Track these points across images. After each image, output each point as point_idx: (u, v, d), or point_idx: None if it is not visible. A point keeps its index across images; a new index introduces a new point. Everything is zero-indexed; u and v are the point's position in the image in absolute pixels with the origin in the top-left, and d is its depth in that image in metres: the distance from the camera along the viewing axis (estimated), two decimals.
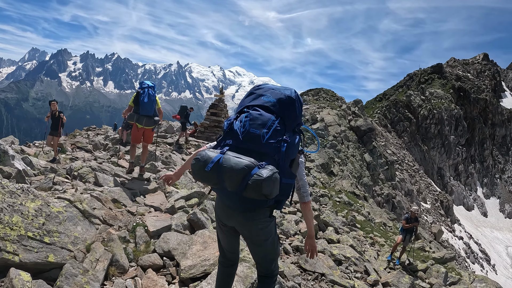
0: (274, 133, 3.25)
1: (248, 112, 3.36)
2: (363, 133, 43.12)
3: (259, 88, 3.58)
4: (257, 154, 3.18)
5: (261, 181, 2.93)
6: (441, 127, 70.60)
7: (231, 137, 3.32)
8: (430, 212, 53.51)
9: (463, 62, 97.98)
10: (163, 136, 20.45)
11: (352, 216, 18.31)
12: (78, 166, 9.51)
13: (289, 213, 12.55)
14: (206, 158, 3.11)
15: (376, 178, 41.30)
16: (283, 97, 3.40)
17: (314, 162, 30.23)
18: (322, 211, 15.46)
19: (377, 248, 14.96)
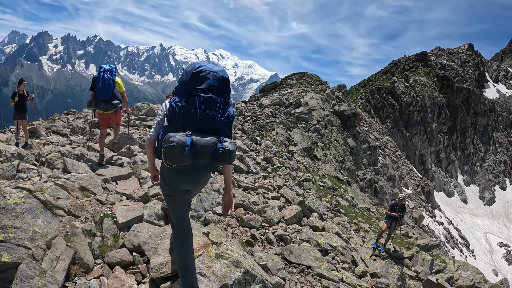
0: (223, 112, 3.92)
1: (199, 95, 3.84)
2: (346, 118, 42.72)
3: (200, 71, 3.93)
4: (214, 131, 3.85)
5: (230, 152, 3.74)
6: (424, 114, 70.78)
7: (187, 119, 3.82)
8: (411, 197, 53.79)
9: (448, 52, 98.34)
10: (143, 119, 19.54)
11: (336, 202, 17.88)
12: (46, 151, 8.75)
13: (272, 198, 12.02)
14: (181, 143, 3.59)
15: (359, 163, 41.09)
16: (222, 79, 3.98)
17: (297, 146, 29.74)
18: (306, 196, 14.95)
19: (362, 235, 14.56)
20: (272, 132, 28.94)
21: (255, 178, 13.79)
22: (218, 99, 3.89)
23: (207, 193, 8.44)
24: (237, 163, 13.86)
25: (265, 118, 31.05)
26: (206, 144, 3.67)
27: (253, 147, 19.56)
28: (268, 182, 14.00)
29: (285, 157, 22.33)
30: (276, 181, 14.69)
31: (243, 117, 30.61)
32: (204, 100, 3.82)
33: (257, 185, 12.42)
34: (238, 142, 18.20)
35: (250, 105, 35.91)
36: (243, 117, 30.42)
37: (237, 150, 17.18)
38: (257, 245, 7.31)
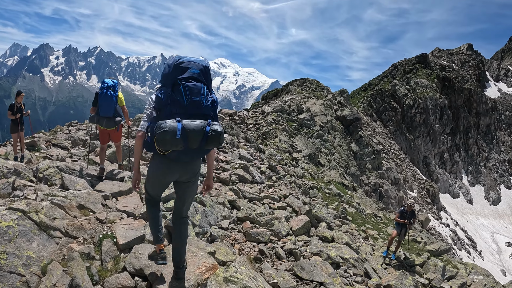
0: (207, 97, 4.20)
1: (184, 84, 4.10)
2: (349, 123, 42.35)
3: (182, 62, 4.22)
4: (201, 116, 4.12)
5: (220, 133, 4.04)
6: (426, 116, 70.33)
7: (175, 106, 4.06)
8: (416, 200, 53.28)
9: (448, 52, 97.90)
10: None
11: (343, 208, 17.48)
12: (44, 167, 8.39)
13: (279, 208, 11.65)
14: (173, 128, 3.85)
15: (363, 167, 40.67)
16: (203, 68, 4.29)
17: (301, 152, 29.37)
18: (313, 205, 14.55)
19: (371, 243, 14.15)
20: (275, 139, 28.59)
21: (260, 188, 13.43)
22: (202, 86, 4.18)
23: (211, 207, 8.08)
24: (241, 173, 13.50)
25: (268, 125, 30.71)
26: (196, 127, 3.95)
27: (257, 155, 19.20)
28: (273, 192, 13.64)
29: (290, 165, 21.96)
30: (282, 190, 14.32)
31: (246, 125, 30.26)
32: (189, 88, 4.09)
33: (262, 195, 12.06)
34: (241, 151, 17.85)
35: (252, 112, 35.59)
36: (245, 125, 30.08)
37: (241, 159, 16.81)
38: (266, 261, 6.96)
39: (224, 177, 12.29)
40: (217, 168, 13.73)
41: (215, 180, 12.29)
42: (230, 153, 16.92)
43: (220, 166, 13.87)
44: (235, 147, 18.84)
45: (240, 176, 13.29)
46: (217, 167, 13.78)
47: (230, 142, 19.05)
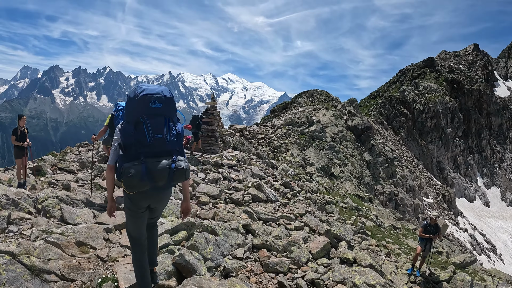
0: (171, 132, 4.17)
1: (146, 121, 4.04)
2: (360, 132, 41.62)
3: (143, 96, 4.08)
4: (167, 152, 4.11)
5: (184, 170, 4.08)
6: (437, 120, 69.24)
7: (139, 146, 4.02)
8: (433, 206, 52.17)
9: (454, 54, 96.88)
10: None
11: (361, 223, 16.71)
12: (43, 197, 7.78)
13: (296, 229, 10.95)
14: (138, 172, 3.86)
15: (377, 176, 39.81)
16: (165, 100, 4.18)
17: (314, 165, 28.69)
18: (331, 222, 13.82)
19: (393, 259, 13.36)
20: (287, 153, 27.99)
21: (274, 206, 12.77)
22: (164, 121, 4.15)
23: (224, 235, 7.39)
24: (254, 192, 12.87)
25: (279, 139, 30.13)
26: (161, 167, 3.96)
27: (270, 172, 18.59)
28: (289, 210, 12.96)
29: (304, 180, 21.28)
30: (298, 208, 13.64)
31: (257, 139, 29.73)
32: (151, 125, 4.06)
33: (278, 215, 11.37)
34: (254, 169, 17.25)
35: (263, 127, 35.06)
36: (256, 140, 29.53)
37: (254, 177, 16.21)
38: None
39: (237, 198, 11.71)
40: (229, 188, 13.14)
41: (228, 201, 11.67)
42: (242, 171, 16.35)
43: (232, 186, 13.28)
44: (247, 164, 18.27)
45: (253, 196, 12.68)
46: (229, 187, 13.19)
47: (242, 160, 18.49)
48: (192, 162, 16.44)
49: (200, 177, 14.18)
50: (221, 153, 19.49)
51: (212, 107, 21.59)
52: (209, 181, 13.76)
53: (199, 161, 16.62)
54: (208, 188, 12.19)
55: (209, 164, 16.50)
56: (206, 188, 12.12)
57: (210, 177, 14.15)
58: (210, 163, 16.56)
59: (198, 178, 13.74)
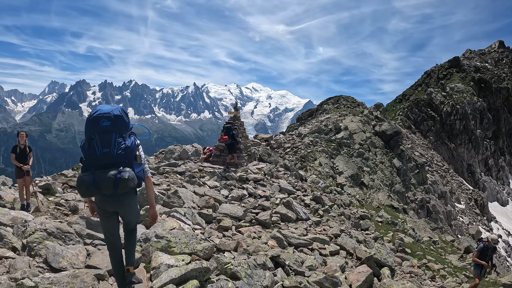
0: (118, 146, 4.62)
1: (96, 138, 4.59)
2: (389, 138, 39.93)
3: (94, 117, 4.64)
4: (114, 164, 4.56)
5: (125, 180, 4.45)
6: (466, 122, 66.48)
7: (91, 160, 4.56)
8: (465, 212, 49.90)
9: (480, 53, 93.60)
10: (173, 164, 17.41)
11: (399, 240, 15.21)
12: (30, 229, 6.53)
13: (331, 254, 9.64)
14: (85, 181, 4.43)
15: (408, 183, 38.02)
16: (114, 118, 4.67)
17: (343, 174, 27.23)
18: (369, 242, 12.36)
19: (439, 283, 11.86)
20: (314, 162, 26.63)
21: (306, 226, 11.45)
22: (113, 137, 4.59)
23: (248, 276, 6.09)
24: (283, 211, 11.57)
25: (306, 148, 28.80)
26: (107, 178, 4.41)
27: (299, 185, 17.21)
28: (322, 231, 11.61)
29: (335, 192, 19.84)
30: (331, 226, 12.29)
31: (283, 149, 28.47)
32: (100, 141, 4.56)
33: (310, 238, 10.06)
34: (281, 183, 15.93)
35: (289, 135, 33.79)
36: (283, 149, 28.27)
37: (282, 192, 14.92)
38: None
39: (264, 219, 10.44)
40: (255, 206, 11.86)
41: (253, 223, 10.42)
42: (269, 186, 15.06)
43: (258, 204, 11.99)
44: (274, 177, 16.96)
45: (282, 215, 11.39)
46: (255, 205, 11.91)
47: (269, 173, 17.17)
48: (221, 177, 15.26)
49: (223, 194, 13.03)
50: (246, 166, 18.16)
51: (235, 117, 20.26)
52: (233, 199, 12.61)
53: (222, 176, 15.39)
54: (231, 208, 10.99)
55: (233, 179, 15.26)
56: (229, 209, 10.93)
57: (234, 194, 12.98)
58: (234, 178, 15.31)
59: (220, 195, 12.59)
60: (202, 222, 9.19)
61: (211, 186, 13.87)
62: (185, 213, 9.38)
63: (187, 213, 9.45)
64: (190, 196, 11.74)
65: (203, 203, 11.06)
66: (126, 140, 4.72)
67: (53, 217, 9.07)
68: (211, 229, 8.95)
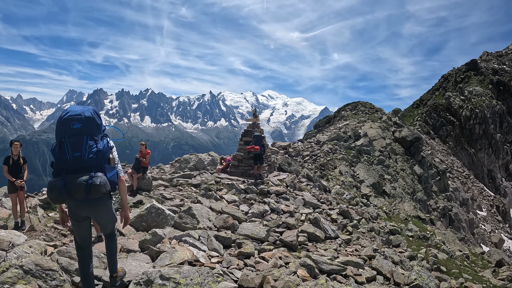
0: (90, 150, 4.43)
1: (66, 141, 4.40)
2: (409, 144, 38.49)
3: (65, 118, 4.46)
4: (85, 168, 4.38)
5: (97, 186, 4.28)
6: (485, 126, 64.41)
7: (62, 164, 4.36)
8: (487, 220, 48.06)
9: (497, 55, 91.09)
10: (188, 176, 16.30)
11: (433, 256, 13.93)
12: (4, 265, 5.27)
13: (367, 281, 8.41)
14: (56, 187, 4.25)
15: (429, 191, 36.51)
16: (85, 120, 4.48)
17: (364, 182, 25.90)
18: (405, 262, 11.03)
19: None
20: (334, 170, 25.41)
21: (336, 247, 10.22)
22: (84, 139, 4.43)
23: None
24: (311, 229, 10.38)
25: (325, 155, 27.59)
26: (78, 183, 4.25)
27: (324, 198, 15.97)
28: (354, 251, 10.35)
29: (361, 204, 18.55)
30: (363, 245, 11.04)
31: (302, 157, 27.29)
32: (71, 144, 4.40)
33: (342, 261, 8.84)
34: (305, 196, 14.73)
35: (307, 143, 32.61)
36: (301, 157, 27.09)
37: (307, 206, 13.74)
38: None
39: (290, 241, 9.23)
40: (279, 224, 10.68)
41: (278, 244, 9.25)
42: (293, 200, 13.85)
43: (282, 222, 10.79)
44: (296, 189, 15.75)
45: (309, 234, 10.19)
46: (278, 223, 10.72)
47: (291, 184, 15.98)
48: (240, 190, 14.06)
49: (242, 210, 11.89)
50: (267, 178, 16.90)
51: (255, 124, 18.95)
52: (254, 215, 11.49)
53: (241, 190, 14.19)
54: (252, 228, 9.78)
55: (253, 192, 14.14)
56: (250, 229, 9.72)
57: (255, 209, 11.84)
58: (254, 191, 14.19)
59: (239, 212, 11.45)
60: (219, 248, 7.88)
61: (229, 201, 12.81)
62: (199, 237, 8.12)
63: (202, 236, 8.19)
64: (205, 213, 10.65)
65: (220, 223, 9.94)
66: (98, 143, 4.54)
67: (48, 239, 8.14)
68: (230, 256, 7.71)
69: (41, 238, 8.04)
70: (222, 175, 17.16)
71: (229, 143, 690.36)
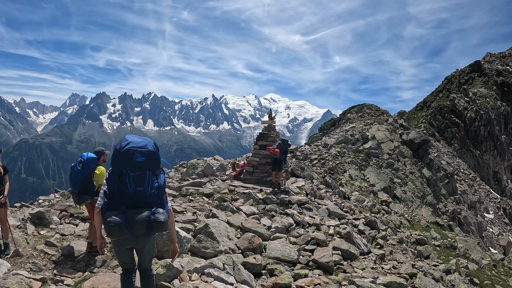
0: (152, 185, 4.21)
1: (129, 174, 4.13)
2: (417, 146, 37.39)
3: (127, 149, 4.16)
4: (146, 204, 4.16)
5: (161, 223, 4.09)
6: (490, 128, 63.12)
7: (121, 196, 4.13)
8: (494, 222, 46.92)
9: (500, 56, 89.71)
10: (198, 184, 14.87)
11: (464, 267, 12.82)
12: None
13: None
14: (117, 222, 3.97)
15: (438, 194, 35.39)
16: (148, 154, 4.23)
17: (375, 186, 24.73)
18: (444, 278, 9.89)
19: None
20: (344, 174, 24.31)
21: (371, 264, 9.09)
22: (147, 174, 4.21)
23: None
24: (344, 246, 9.21)
25: (333, 159, 26.46)
26: (140, 219, 4.02)
27: (347, 206, 14.73)
28: (392, 268, 9.21)
29: (383, 212, 17.36)
30: (399, 260, 9.90)
31: (310, 160, 26.14)
32: (134, 178, 4.13)
33: (384, 282, 7.77)
34: (329, 205, 13.56)
35: (315, 146, 31.46)
36: (309, 161, 25.94)
37: (332, 217, 12.54)
38: None
39: (326, 262, 8.01)
40: (308, 241, 9.44)
41: (311, 266, 8.10)
42: (316, 210, 12.61)
43: (311, 238, 9.54)
44: (317, 197, 14.54)
45: (343, 252, 9.02)
46: (307, 240, 9.50)
47: (311, 192, 14.73)
48: (258, 201, 12.83)
49: (264, 224, 10.47)
50: (285, 186, 15.57)
51: (270, 127, 17.39)
52: (277, 230, 10.12)
53: (259, 200, 12.87)
54: (281, 248, 8.38)
55: (273, 202, 12.81)
56: (279, 249, 8.32)
57: (278, 223, 10.46)
58: (273, 201, 12.85)
59: (262, 227, 10.00)
60: (250, 279, 6.61)
61: (248, 213, 11.38)
62: (224, 265, 6.82)
63: (227, 263, 6.90)
64: (224, 229, 9.30)
65: (244, 244, 8.48)
66: (159, 178, 4.33)
67: (35, 268, 6.78)
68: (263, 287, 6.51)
69: (27, 266, 6.74)
70: (236, 182, 15.81)
71: (231, 146, 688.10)
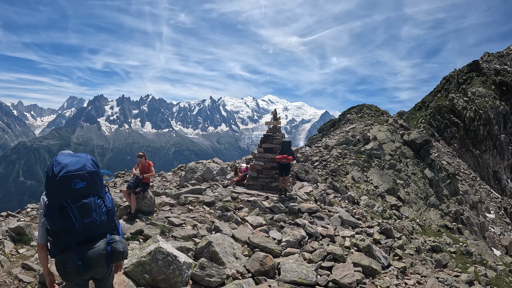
0: (100, 212, 3.58)
1: (70, 206, 3.41)
2: (419, 147, 36.56)
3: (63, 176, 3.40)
4: (99, 234, 3.55)
5: (121, 253, 3.58)
6: (489, 127, 62.44)
7: (70, 235, 3.42)
8: (495, 222, 46.15)
9: (498, 55, 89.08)
10: (198, 191, 13.80)
11: (483, 275, 11.93)
12: None
13: None
14: (73, 267, 3.36)
15: (440, 195, 34.56)
16: (89, 176, 3.53)
17: (378, 188, 23.83)
18: None
19: None
20: (346, 176, 23.43)
21: (394, 281, 8.07)
22: (92, 201, 3.54)
23: None
24: (365, 262, 8.16)
25: (335, 160, 25.61)
26: (96, 254, 3.47)
27: (358, 213, 13.71)
28: (416, 284, 8.23)
29: (395, 217, 16.41)
30: (422, 274, 8.95)
31: (311, 162, 25.26)
32: (78, 210, 3.45)
33: None
34: (341, 212, 12.52)
35: (315, 148, 30.59)
36: (310, 163, 25.03)
37: (345, 226, 11.51)
38: None
39: (349, 283, 6.97)
40: (324, 256, 8.37)
41: (329, 286, 7.14)
42: (327, 218, 11.57)
43: (327, 253, 8.44)
44: (327, 204, 13.54)
45: (364, 268, 7.98)
46: (324, 255, 8.41)
47: (320, 198, 13.72)
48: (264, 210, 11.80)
49: (273, 237, 9.21)
50: (293, 192, 14.44)
51: (275, 128, 16.31)
52: (289, 245, 8.94)
53: (265, 209, 11.76)
54: (297, 269, 7.11)
55: (281, 211, 11.67)
56: (295, 271, 7.03)
57: (289, 236, 9.28)
58: (282, 209, 11.73)
59: (271, 241, 8.72)
60: None
61: (255, 225, 10.21)
62: None
63: None
64: (229, 246, 8.04)
65: (255, 266, 7.13)
66: (105, 201, 3.69)
67: None
68: None
69: None
70: (239, 188, 14.71)
71: (230, 148, 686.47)
